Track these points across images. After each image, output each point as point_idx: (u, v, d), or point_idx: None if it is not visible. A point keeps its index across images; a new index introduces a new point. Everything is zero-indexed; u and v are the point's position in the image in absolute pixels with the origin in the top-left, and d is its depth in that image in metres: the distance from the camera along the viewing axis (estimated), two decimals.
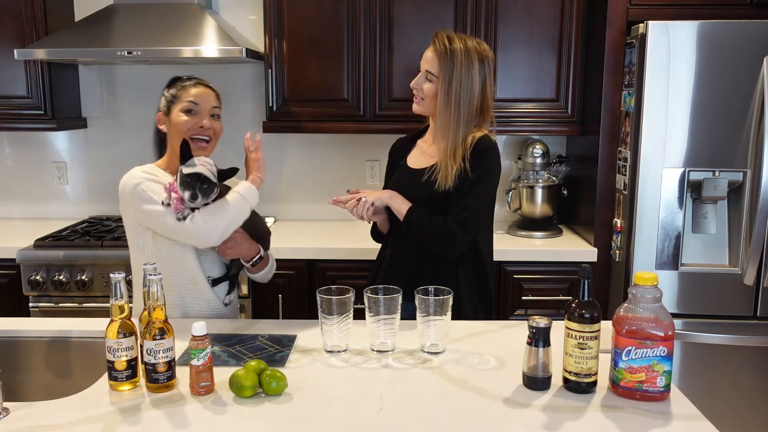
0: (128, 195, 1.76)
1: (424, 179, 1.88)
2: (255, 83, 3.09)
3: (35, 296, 2.63)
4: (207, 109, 1.83)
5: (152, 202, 1.73)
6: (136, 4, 2.79)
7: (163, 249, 1.79)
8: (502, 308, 2.66)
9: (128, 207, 1.79)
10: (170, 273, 1.79)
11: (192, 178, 1.67)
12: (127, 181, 1.77)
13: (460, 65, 1.81)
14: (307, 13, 2.75)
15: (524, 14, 2.72)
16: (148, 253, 1.79)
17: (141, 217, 1.77)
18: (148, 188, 1.74)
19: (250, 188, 1.80)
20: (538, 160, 2.86)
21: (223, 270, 1.90)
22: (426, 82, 1.87)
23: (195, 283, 1.83)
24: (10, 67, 2.82)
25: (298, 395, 1.35)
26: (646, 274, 1.31)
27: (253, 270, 1.92)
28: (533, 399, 1.33)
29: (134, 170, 1.81)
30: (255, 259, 1.88)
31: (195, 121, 1.81)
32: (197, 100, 1.82)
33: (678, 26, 2.31)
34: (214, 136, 1.85)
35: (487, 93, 1.88)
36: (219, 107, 1.88)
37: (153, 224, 1.76)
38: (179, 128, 1.81)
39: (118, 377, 1.37)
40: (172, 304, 1.81)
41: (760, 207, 2.31)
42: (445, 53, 1.82)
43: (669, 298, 2.42)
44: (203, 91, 1.84)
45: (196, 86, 1.84)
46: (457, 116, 1.83)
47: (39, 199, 3.25)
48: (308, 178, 3.20)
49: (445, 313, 1.54)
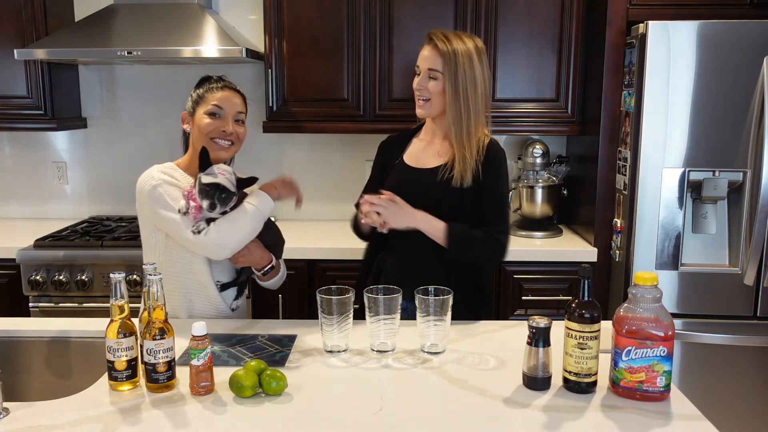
0: (145, 196, 1.75)
1: (439, 178, 1.86)
2: (255, 83, 3.09)
3: (35, 296, 2.63)
4: (232, 114, 1.81)
5: (169, 208, 1.72)
6: (136, 4, 2.79)
7: (174, 250, 1.79)
8: (502, 308, 2.66)
9: (144, 207, 1.78)
10: (179, 274, 1.79)
11: (211, 188, 1.67)
12: (146, 181, 1.76)
13: (463, 60, 1.82)
14: (307, 13, 2.75)
15: (524, 14, 2.72)
16: (159, 253, 1.79)
17: (156, 220, 1.76)
18: (166, 192, 1.73)
19: (265, 200, 1.79)
20: (538, 160, 2.86)
21: (233, 275, 1.89)
22: (430, 80, 1.86)
23: (203, 287, 1.82)
24: (10, 67, 2.82)
25: (298, 395, 1.35)
26: (646, 274, 1.31)
27: (264, 279, 1.91)
28: (533, 399, 1.33)
29: (153, 170, 1.79)
30: (267, 269, 1.88)
31: (218, 125, 1.79)
32: (222, 104, 1.80)
33: (678, 26, 2.31)
34: (237, 140, 1.84)
35: (487, 85, 1.89)
36: (245, 112, 1.86)
37: (167, 230, 1.76)
38: (202, 130, 1.80)
39: (118, 377, 1.37)
40: (178, 305, 1.81)
41: (760, 207, 2.31)
42: (447, 50, 1.82)
43: (669, 298, 2.42)
44: (229, 95, 1.82)
45: (223, 89, 1.82)
46: (467, 111, 1.83)
47: (39, 199, 3.25)
48: (308, 178, 3.19)
49: (445, 313, 1.54)
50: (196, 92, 1.84)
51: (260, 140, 3.04)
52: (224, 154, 1.81)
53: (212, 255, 1.75)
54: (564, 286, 2.63)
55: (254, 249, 1.83)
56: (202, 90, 1.83)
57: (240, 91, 1.88)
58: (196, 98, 1.83)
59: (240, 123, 1.84)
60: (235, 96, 1.84)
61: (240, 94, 1.87)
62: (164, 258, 1.78)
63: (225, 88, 1.83)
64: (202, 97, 1.82)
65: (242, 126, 1.85)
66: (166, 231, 1.76)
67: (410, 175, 1.94)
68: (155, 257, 1.79)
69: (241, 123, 1.85)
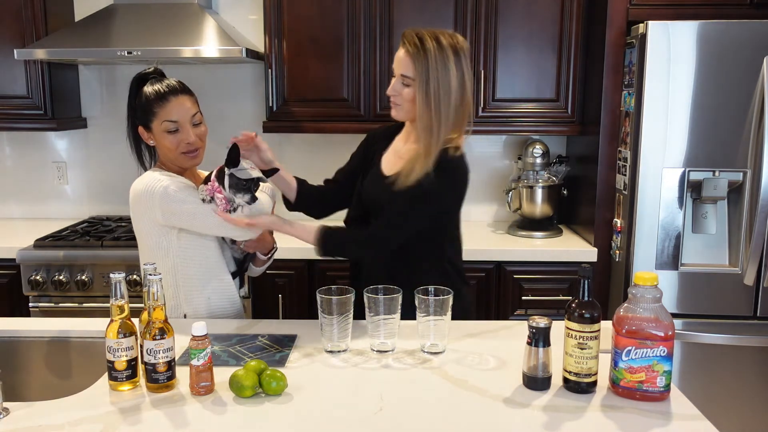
0: (157, 198, 1.71)
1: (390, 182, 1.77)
2: (255, 83, 3.09)
3: (35, 296, 2.63)
4: (188, 121, 1.76)
5: (190, 201, 1.72)
6: (136, 4, 2.79)
7: (189, 249, 1.78)
8: (502, 308, 2.66)
9: (153, 211, 1.73)
10: (196, 272, 1.80)
11: (249, 183, 1.69)
12: (152, 185, 1.72)
13: (435, 62, 1.70)
14: (307, 13, 2.75)
15: (524, 14, 2.72)
16: (174, 255, 1.77)
17: (174, 219, 1.73)
18: (179, 188, 1.73)
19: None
20: (538, 160, 2.86)
21: (234, 266, 1.92)
22: (403, 87, 1.75)
23: (220, 280, 1.84)
24: (10, 67, 2.82)
25: (298, 395, 1.35)
26: (646, 274, 1.31)
27: (260, 264, 1.97)
28: (533, 399, 1.33)
29: (152, 174, 1.76)
30: (273, 252, 1.96)
31: (180, 139, 1.76)
32: (175, 117, 1.74)
33: (678, 26, 2.31)
34: (202, 142, 1.81)
35: (466, 86, 1.75)
36: (198, 110, 1.80)
37: (190, 223, 1.74)
38: (168, 149, 1.77)
39: (118, 377, 1.37)
40: (197, 305, 1.82)
41: (760, 207, 2.31)
42: (418, 53, 1.70)
43: (669, 298, 2.42)
44: (177, 103, 1.75)
45: (168, 98, 1.74)
46: (438, 116, 1.71)
47: (39, 199, 3.25)
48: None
49: (445, 313, 1.54)
50: (140, 102, 1.77)
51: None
52: (197, 161, 1.81)
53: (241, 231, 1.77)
54: (564, 286, 2.63)
55: (266, 234, 1.89)
56: (146, 101, 1.75)
57: (185, 89, 1.80)
58: (146, 112, 1.76)
59: (198, 125, 1.80)
60: (184, 99, 1.77)
61: (186, 92, 1.79)
62: (179, 260, 1.77)
63: (170, 95, 1.75)
64: (151, 112, 1.75)
65: (201, 126, 1.81)
66: (187, 225, 1.74)
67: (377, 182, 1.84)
68: (169, 261, 1.77)
69: (199, 124, 1.80)
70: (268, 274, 2.63)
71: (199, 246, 1.79)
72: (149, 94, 1.76)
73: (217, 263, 1.83)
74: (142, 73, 1.80)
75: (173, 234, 1.77)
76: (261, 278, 2.63)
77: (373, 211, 1.83)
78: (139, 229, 1.81)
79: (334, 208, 2.03)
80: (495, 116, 2.80)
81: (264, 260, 1.97)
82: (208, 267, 1.82)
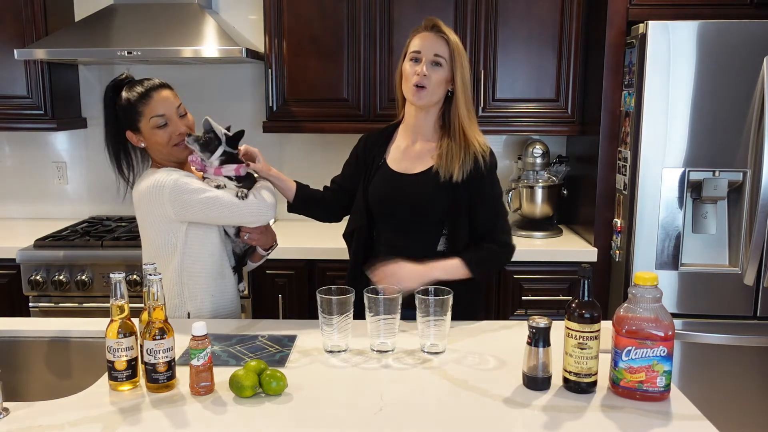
0: (167, 192, 1.71)
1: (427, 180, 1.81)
2: (255, 83, 3.09)
3: (35, 296, 2.63)
4: (174, 113, 1.80)
5: (203, 191, 1.74)
6: (136, 4, 2.79)
7: (196, 245, 1.79)
8: (502, 308, 2.66)
9: (163, 207, 1.73)
10: (202, 269, 1.81)
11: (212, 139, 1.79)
12: (161, 180, 1.73)
13: (463, 52, 1.80)
14: (307, 13, 2.75)
15: (524, 14, 2.72)
16: (180, 253, 1.78)
17: (185, 212, 1.74)
18: (190, 182, 1.74)
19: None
20: (538, 160, 2.86)
21: (233, 261, 1.94)
22: (434, 69, 1.75)
23: (222, 276, 1.86)
24: (10, 67, 2.81)
25: (298, 395, 1.35)
26: (646, 274, 1.31)
27: (260, 258, 1.99)
28: (533, 399, 1.33)
29: (156, 172, 1.77)
30: (272, 248, 1.99)
31: (171, 131, 1.79)
32: (162, 111, 1.77)
33: (678, 26, 2.31)
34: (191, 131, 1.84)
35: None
36: (180, 102, 1.83)
37: (205, 214, 1.74)
38: (161, 144, 1.79)
39: (118, 377, 1.37)
40: (201, 303, 1.83)
41: (760, 207, 2.31)
42: (453, 39, 1.78)
43: (669, 298, 2.42)
44: (161, 98, 1.78)
45: (150, 95, 1.77)
46: (467, 104, 1.80)
47: (39, 199, 3.25)
48: (308, 178, 3.16)
49: (445, 313, 1.54)
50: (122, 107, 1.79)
51: (260, 140, 3.04)
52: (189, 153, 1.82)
53: (259, 217, 1.80)
54: (564, 286, 2.63)
55: (268, 228, 1.93)
56: (129, 104, 1.78)
57: (163, 84, 1.82)
58: (131, 114, 1.78)
59: (184, 116, 1.83)
60: (166, 93, 1.80)
61: (165, 86, 1.82)
62: (186, 257, 1.78)
63: (152, 92, 1.78)
64: (136, 113, 1.77)
65: (187, 116, 1.85)
66: (201, 217, 1.75)
67: (398, 181, 1.86)
68: (176, 259, 1.78)
69: (185, 115, 1.84)
70: (268, 274, 2.64)
71: (206, 243, 1.81)
72: (131, 96, 1.79)
73: (221, 260, 1.85)
74: (116, 80, 1.84)
75: (181, 231, 1.77)
76: (261, 278, 2.64)
77: (382, 211, 1.87)
78: (147, 228, 1.81)
79: (341, 210, 2.06)
80: (495, 116, 2.80)
81: (262, 255, 1.99)
82: (213, 264, 1.83)
